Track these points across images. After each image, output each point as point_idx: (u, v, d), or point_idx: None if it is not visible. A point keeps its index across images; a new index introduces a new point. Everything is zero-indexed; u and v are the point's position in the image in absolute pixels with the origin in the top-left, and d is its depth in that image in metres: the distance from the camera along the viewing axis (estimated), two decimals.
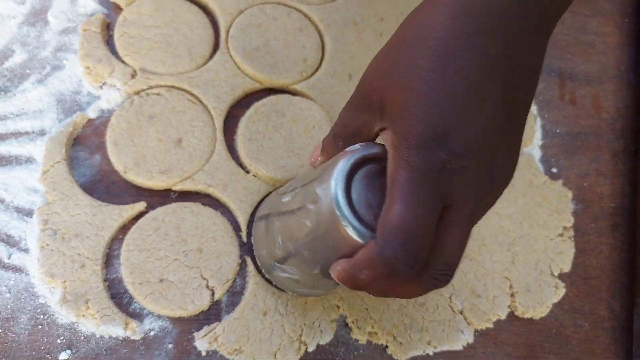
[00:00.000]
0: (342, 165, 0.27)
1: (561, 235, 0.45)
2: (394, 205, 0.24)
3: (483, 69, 0.25)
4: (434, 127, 0.25)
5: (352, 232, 0.26)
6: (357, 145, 0.28)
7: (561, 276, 0.44)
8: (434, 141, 0.25)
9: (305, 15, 0.48)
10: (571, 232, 0.46)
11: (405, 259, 0.24)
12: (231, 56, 0.45)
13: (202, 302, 0.37)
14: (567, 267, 0.44)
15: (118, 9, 0.45)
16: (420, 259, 0.25)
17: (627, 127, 0.53)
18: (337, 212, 0.26)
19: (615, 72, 0.55)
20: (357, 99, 0.30)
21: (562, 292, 0.43)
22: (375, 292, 0.28)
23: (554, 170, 0.49)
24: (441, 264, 0.26)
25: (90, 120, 0.42)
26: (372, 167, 0.28)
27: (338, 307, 0.39)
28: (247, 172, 0.42)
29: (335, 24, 0.48)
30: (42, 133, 0.41)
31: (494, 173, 0.27)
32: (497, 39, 0.26)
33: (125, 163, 0.40)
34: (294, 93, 0.46)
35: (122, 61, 0.43)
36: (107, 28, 0.45)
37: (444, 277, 0.27)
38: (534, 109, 0.50)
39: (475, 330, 0.41)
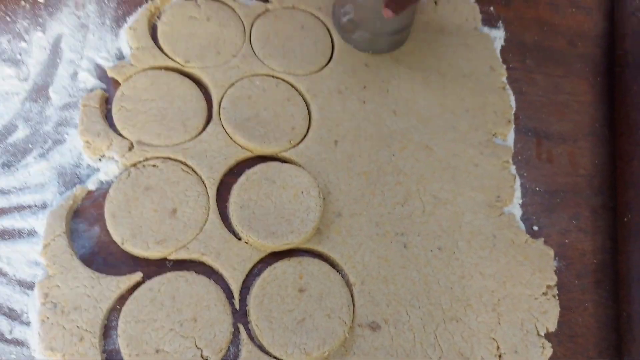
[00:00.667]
0: None
1: (545, 294, 0.47)
2: None
3: None
4: None
5: None
6: None
7: (547, 335, 0.46)
8: None
9: (293, 86, 0.51)
10: (555, 291, 0.47)
11: None
12: (223, 127, 0.48)
13: None
14: (552, 326, 0.46)
15: (116, 83, 0.48)
16: None
17: (604, 183, 0.55)
18: None
19: (590, 130, 0.58)
20: None
21: (549, 352, 0.44)
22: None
23: (535, 228, 0.51)
24: None
25: (89, 192, 0.44)
26: None
27: None
28: (240, 239, 0.44)
29: (321, 93, 0.51)
30: (43, 206, 0.42)
31: None
32: None
33: (123, 234, 0.42)
34: (283, 160, 0.48)
35: (120, 134, 0.46)
36: (106, 102, 0.47)
37: None
38: (512, 168, 0.53)
39: None
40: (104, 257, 0.42)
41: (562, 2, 0.64)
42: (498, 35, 0.59)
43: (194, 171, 0.45)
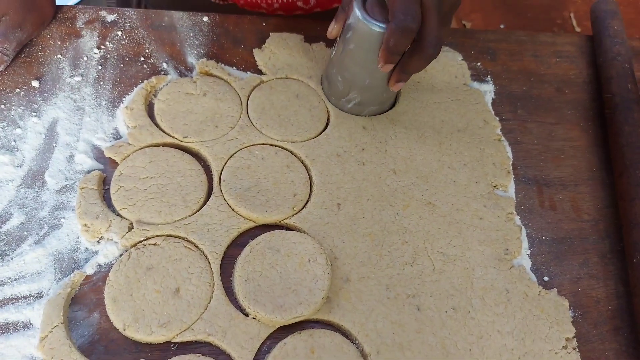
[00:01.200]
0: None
1: (565, 347, 0.45)
2: (394, 2, 0.43)
3: None
4: None
5: (375, 27, 0.45)
6: None
7: None
8: None
9: (292, 153, 0.51)
10: (574, 343, 0.46)
11: (408, 18, 0.42)
12: (225, 199, 0.47)
13: None
14: None
15: (114, 163, 0.48)
16: (417, 17, 0.42)
17: (610, 227, 0.54)
18: (362, 19, 0.45)
19: (589, 174, 0.58)
20: None
21: None
22: (406, 64, 0.46)
23: (546, 278, 0.50)
24: (431, 37, 0.43)
25: (87, 277, 0.42)
26: None
27: None
28: (246, 314, 0.42)
29: (320, 157, 0.51)
30: (39, 296, 0.41)
31: None
32: None
33: (124, 320, 0.40)
34: (287, 228, 0.47)
35: (119, 215, 0.45)
36: (104, 182, 0.47)
37: (435, 47, 0.44)
38: (517, 219, 0.52)
39: None
40: (105, 345, 0.40)
41: (545, 53, 0.66)
42: (488, 89, 0.60)
43: (197, 246, 0.44)
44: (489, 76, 0.62)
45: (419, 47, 0.44)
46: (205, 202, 0.47)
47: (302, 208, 0.48)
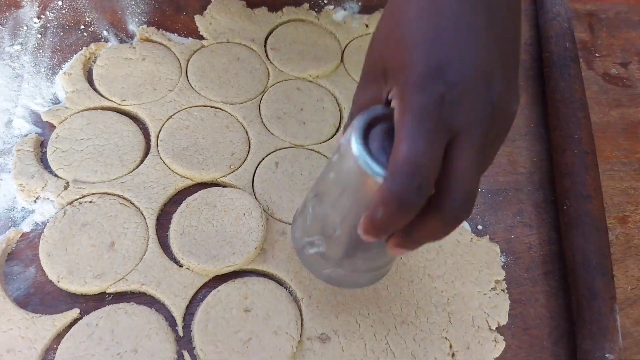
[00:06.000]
0: (358, 119, 0.30)
1: (494, 289, 0.47)
2: (400, 144, 0.26)
3: (465, 4, 0.28)
4: (428, 64, 0.27)
5: (367, 168, 0.28)
6: (371, 107, 0.31)
7: (501, 330, 0.45)
8: (430, 77, 0.27)
9: (230, 114, 0.52)
10: (503, 285, 0.48)
11: (412, 186, 0.26)
12: (161, 158, 0.48)
13: None
14: (503, 320, 0.45)
15: (52, 127, 0.49)
16: (426, 185, 0.26)
17: (544, 178, 0.56)
18: (354, 152, 0.28)
19: (527, 130, 0.60)
20: (363, 77, 0.34)
21: (502, 345, 0.44)
22: (402, 239, 0.29)
23: (480, 227, 0.51)
24: (457, 192, 0.27)
25: (24, 234, 0.43)
26: (388, 124, 0.30)
27: None
28: (181, 266, 0.43)
29: (258, 118, 0.52)
30: None
31: (494, 98, 0.28)
32: None
33: (59, 272, 0.41)
34: (224, 185, 0.48)
35: (55, 175, 0.46)
36: (41, 146, 0.48)
37: (463, 206, 0.27)
38: None
39: None
40: (40, 298, 0.41)
41: None
42: None
43: (132, 204, 0.45)
44: None
45: (436, 203, 0.28)
46: (142, 162, 0.48)
47: (240, 166, 0.49)
